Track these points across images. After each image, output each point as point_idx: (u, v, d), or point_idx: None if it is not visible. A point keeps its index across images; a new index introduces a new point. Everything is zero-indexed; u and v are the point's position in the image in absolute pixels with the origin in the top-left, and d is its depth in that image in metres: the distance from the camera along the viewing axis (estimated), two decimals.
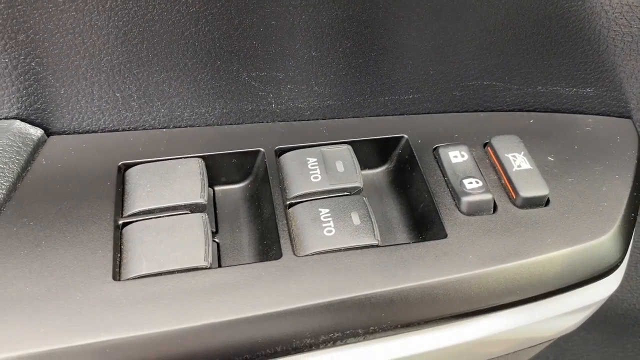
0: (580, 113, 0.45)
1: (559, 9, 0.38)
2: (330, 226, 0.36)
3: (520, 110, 0.44)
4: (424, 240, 0.37)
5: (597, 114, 0.45)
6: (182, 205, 0.37)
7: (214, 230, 0.39)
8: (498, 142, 0.40)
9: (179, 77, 0.39)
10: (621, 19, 0.39)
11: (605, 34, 0.40)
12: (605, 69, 0.42)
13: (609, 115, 0.45)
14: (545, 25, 0.40)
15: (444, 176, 0.39)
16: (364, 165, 0.42)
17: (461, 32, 0.40)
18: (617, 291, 0.54)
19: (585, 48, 0.41)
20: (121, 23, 0.35)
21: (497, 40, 0.41)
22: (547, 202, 0.38)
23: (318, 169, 0.39)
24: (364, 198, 0.38)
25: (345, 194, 0.38)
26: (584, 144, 0.42)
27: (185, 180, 0.38)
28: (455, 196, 0.38)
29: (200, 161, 0.39)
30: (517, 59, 0.42)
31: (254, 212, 0.40)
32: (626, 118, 0.44)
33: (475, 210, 0.37)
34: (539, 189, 0.38)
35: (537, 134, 0.42)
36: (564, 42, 0.41)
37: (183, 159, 0.39)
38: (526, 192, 0.37)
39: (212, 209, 0.41)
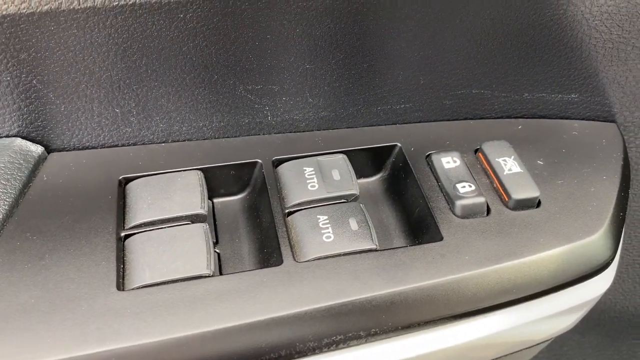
0: (567, 118, 0.46)
1: (541, 17, 0.40)
2: (329, 232, 0.37)
3: (509, 117, 0.46)
4: (420, 243, 0.37)
5: (583, 119, 0.46)
6: (183, 217, 0.37)
7: (215, 241, 0.40)
8: (488, 148, 0.42)
9: (177, 92, 0.40)
10: (601, 26, 0.41)
11: (587, 41, 0.42)
12: (589, 75, 0.44)
13: (594, 119, 0.46)
14: (529, 34, 0.41)
15: (437, 181, 0.40)
16: (360, 174, 0.43)
17: (449, 43, 0.41)
18: (610, 294, 0.55)
19: (568, 55, 0.42)
20: (121, 40, 0.36)
21: (484, 49, 0.42)
22: (539, 204, 0.39)
23: (315, 177, 0.40)
24: (361, 205, 0.39)
25: (343, 201, 0.39)
26: (572, 147, 0.43)
27: (185, 192, 0.39)
28: (450, 200, 0.39)
29: (200, 173, 0.40)
30: (503, 68, 0.43)
31: (253, 222, 0.41)
32: (610, 122, 0.46)
33: (469, 213, 0.38)
34: (530, 191, 0.39)
35: (525, 139, 0.44)
36: (548, 50, 0.42)
37: (182, 171, 0.40)
38: (518, 194, 0.39)
39: (212, 220, 0.41)
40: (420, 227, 0.40)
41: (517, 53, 0.43)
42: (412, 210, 0.41)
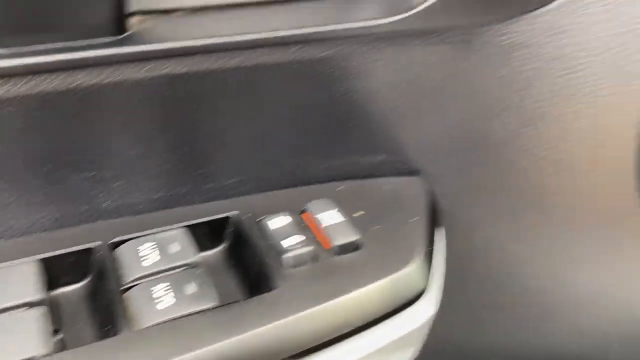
0: (379, 176, 0.53)
1: (337, 92, 0.47)
2: (168, 298, 0.39)
3: (329, 180, 0.52)
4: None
5: (393, 175, 0.53)
6: (17, 305, 0.37)
7: (58, 329, 0.40)
8: (312, 206, 0.47)
9: (9, 188, 0.41)
10: (388, 96, 0.49)
11: (382, 109, 0.50)
12: (390, 138, 0.52)
13: (402, 175, 0.54)
14: (333, 106, 0.48)
15: (269, 241, 0.44)
16: (201, 247, 0.46)
17: (267, 121, 0.47)
18: (449, 334, 0.60)
19: (366, 123, 0.50)
20: None
21: (299, 123, 0.48)
22: (359, 247, 0.44)
23: (154, 252, 0.42)
24: (201, 269, 0.41)
25: (184, 268, 0.41)
26: (385, 199, 0.50)
27: (20, 283, 0.39)
28: (280, 254, 0.43)
29: (36, 263, 0.40)
30: (318, 138, 0.50)
31: (95, 307, 0.42)
32: (415, 176, 0.54)
33: (298, 262, 0.42)
34: (349, 237, 0.44)
35: (346, 197, 0.50)
36: (352, 119, 0.50)
37: (17, 265, 0.40)
38: (338, 240, 0.44)
39: (52, 309, 0.41)
40: (258, 284, 0.43)
41: (327, 124, 0.49)
42: (250, 270, 0.44)
